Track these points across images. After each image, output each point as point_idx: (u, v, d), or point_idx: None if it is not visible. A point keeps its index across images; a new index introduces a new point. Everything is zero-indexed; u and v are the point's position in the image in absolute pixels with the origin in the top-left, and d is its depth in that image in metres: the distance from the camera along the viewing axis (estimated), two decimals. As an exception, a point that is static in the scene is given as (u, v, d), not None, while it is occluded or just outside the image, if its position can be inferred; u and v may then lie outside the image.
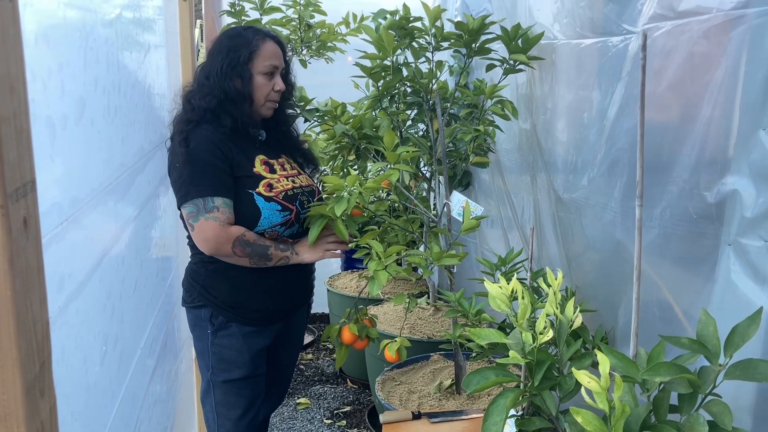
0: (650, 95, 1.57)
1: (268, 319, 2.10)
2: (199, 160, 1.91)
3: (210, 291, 2.04)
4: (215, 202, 1.89)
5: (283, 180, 2.06)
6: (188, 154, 1.91)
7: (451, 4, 3.49)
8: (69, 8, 1.30)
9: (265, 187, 2.00)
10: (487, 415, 1.24)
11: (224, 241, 1.90)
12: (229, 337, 2.05)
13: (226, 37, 2.06)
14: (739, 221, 1.35)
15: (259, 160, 2.05)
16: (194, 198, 1.89)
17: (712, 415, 1.12)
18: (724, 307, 1.40)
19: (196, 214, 1.90)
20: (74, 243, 1.26)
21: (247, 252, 1.93)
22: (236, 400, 2.09)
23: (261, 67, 2.01)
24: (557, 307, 1.31)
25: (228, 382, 2.08)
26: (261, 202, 1.97)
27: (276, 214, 1.99)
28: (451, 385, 2.52)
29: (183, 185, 1.91)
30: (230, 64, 1.99)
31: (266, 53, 2.02)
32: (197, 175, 1.90)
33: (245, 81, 2.00)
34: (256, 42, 2.01)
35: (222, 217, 1.90)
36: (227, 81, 1.98)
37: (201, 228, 1.90)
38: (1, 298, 0.68)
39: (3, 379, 0.69)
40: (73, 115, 1.27)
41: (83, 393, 1.31)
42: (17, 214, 0.69)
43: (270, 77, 2.04)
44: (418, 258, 2.14)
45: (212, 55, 2.04)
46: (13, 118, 0.68)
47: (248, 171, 2.00)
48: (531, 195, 2.55)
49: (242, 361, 2.07)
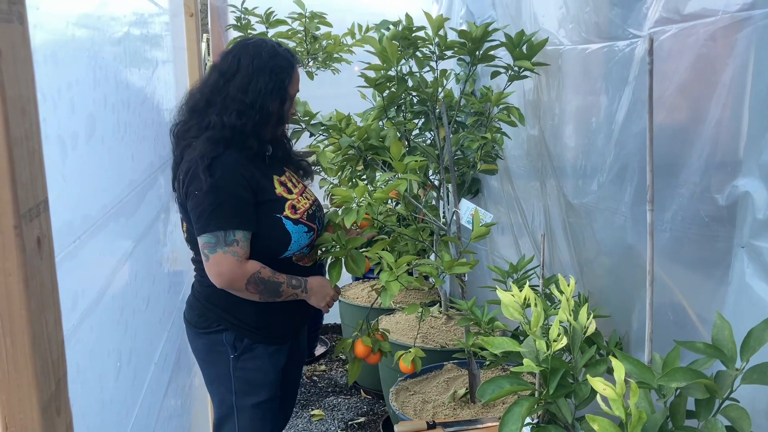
0: (658, 99, 1.57)
1: (287, 335, 2.07)
2: (224, 191, 1.81)
3: (233, 314, 1.96)
4: (236, 236, 1.81)
5: (302, 199, 2.01)
6: (212, 184, 1.80)
7: (456, 13, 3.50)
8: (77, 27, 1.32)
9: (290, 209, 1.94)
10: (503, 423, 1.23)
11: (239, 277, 1.83)
12: (254, 360, 1.99)
13: (266, 53, 1.92)
14: (751, 223, 1.34)
15: (277, 181, 1.98)
16: (215, 230, 1.80)
17: (729, 420, 1.11)
18: (738, 310, 1.39)
19: (214, 246, 1.81)
20: (87, 260, 1.27)
21: (260, 290, 1.87)
22: (262, 425, 2.04)
23: (293, 91, 1.98)
24: (570, 314, 1.30)
25: (256, 405, 2.01)
26: (290, 225, 1.91)
27: (304, 236, 1.95)
28: (465, 394, 2.51)
29: (203, 215, 1.81)
30: (277, 86, 1.91)
31: (297, 76, 2.00)
32: (220, 206, 1.80)
33: (284, 104, 1.95)
34: (294, 64, 1.97)
35: (240, 252, 1.82)
36: (270, 102, 1.90)
37: (217, 261, 1.81)
38: (16, 317, 0.68)
39: (19, 398, 0.70)
40: (83, 133, 1.28)
41: (99, 409, 1.31)
42: (31, 234, 0.70)
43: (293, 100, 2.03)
44: (429, 267, 2.13)
45: (249, 71, 1.90)
46: (25, 139, 0.69)
47: (272, 194, 1.93)
48: (541, 201, 2.54)
49: (268, 381, 2.02)
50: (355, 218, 1.98)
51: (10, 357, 0.69)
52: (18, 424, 0.70)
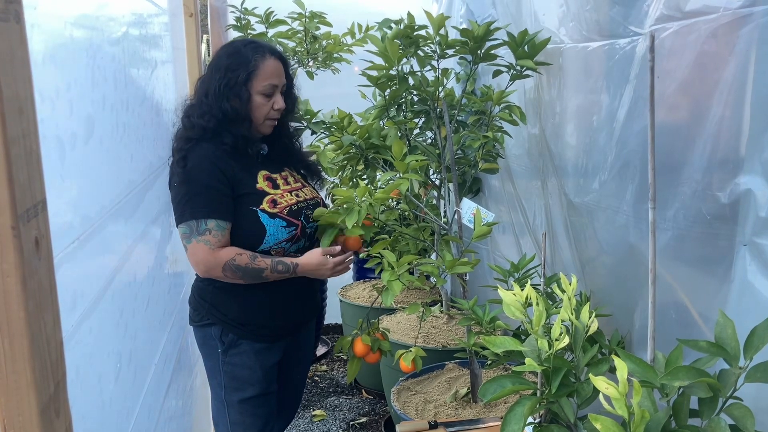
0: (660, 96, 1.56)
1: (277, 334, 2.08)
2: (196, 181, 1.88)
3: (219, 309, 2.01)
4: (208, 225, 1.87)
5: (287, 195, 2.02)
6: (185, 174, 1.89)
7: (456, 11, 3.49)
8: (76, 28, 1.31)
9: (269, 203, 1.96)
10: (505, 423, 1.23)
11: (213, 265, 1.88)
12: (240, 355, 2.02)
13: (224, 53, 2.00)
14: (753, 221, 1.33)
15: (262, 176, 2.01)
16: (188, 219, 1.87)
17: (733, 418, 1.10)
18: (741, 308, 1.38)
19: (189, 236, 1.88)
20: (86, 261, 1.27)
21: (239, 276, 1.91)
22: (252, 420, 2.07)
23: (260, 88, 1.96)
24: (572, 313, 1.30)
25: (243, 401, 2.05)
26: (266, 219, 1.94)
27: (281, 231, 1.96)
28: (467, 394, 2.50)
29: (179, 205, 1.89)
30: (227, 85, 1.94)
31: (265, 73, 1.96)
32: (193, 196, 1.88)
33: (243, 101, 1.95)
34: (255, 61, 1.95)
35: (213, 240, 1.87)
36: (224, 101, 1.93)
37: (192, 250, 1.88)
38: (14, 319, 0.68)
39: (18, 400, 0.69)
40: (82, 133, 1.27)
41: (98, 411, 1.30)
42: (29, 234, 0.69)
43: (269, 96, 1.99)
44: (431, 267, 2.13)
45: (211, 71, 1.99)
46: (22, 139, 0.68)
47: (251, 188, 1.97)
48: (542, 200, 2.54)
49: (255, 378, 2.04)
50: (357, 218, 1.97)
51: (8, 358, 0.68)
52: (17, 426, 0.69)
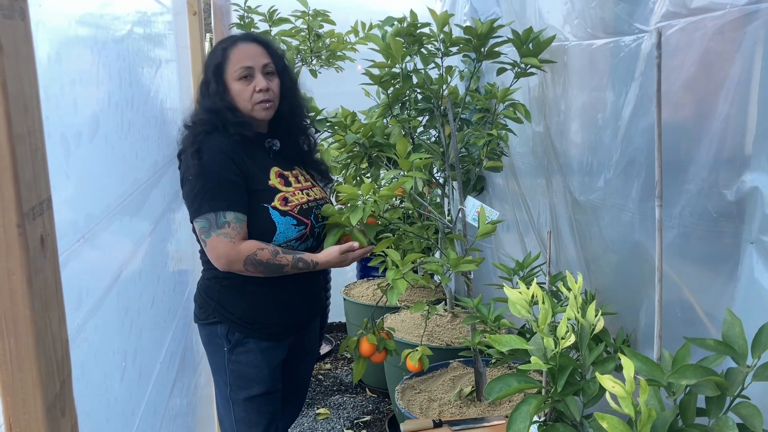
0: (665, 94, 1.56)
1: (283, 333, 2.08)
2: (212, 174, 1.88)
3: (225, 307, 2.01)
4: (227, 217, 1.86)
5: (298, 193, 2.03)
6: (201, 166, 1.88)
7: (459, 9, 3.48)
8: (80, 26, 1.31)
9: (281, 201, 1.97)
10: (511, 422, 1.22)
11: (235, 259, 1.88)
12: (246, 354, 2.03)
13: (207, 55, 2.08)
14: (760, 219, 1.32)
15: (274, 173, 2.02)
16: (206, 213, 1.87)
17: (741, 417, 1.10)
18: (748, 306, 1.37)
19: (208, 230, 1.87)
20: (91, 260, 1.27)
21: (261, 270, 1.91)
22: (258, 418, 2.07)
23: (233, 74, 1.97)
24: (578, 311, 1.29)
25: (249, 399, 2.05)
26: (276, 216, 1.94)
27: (291, 229, 1.96)
28: (472, 392, 2.50)
29: (195, 199, 1.89)
30: (205, 81, 2.00)
31: (236, 58, 1.98)
32: (209, 188, 1.87)
33: (222, 94, 1.98)
34: (223, 51, 1.99)
35: (233, 233, 1.87)
36: (208, 98, 1.99)
37: (213, 245, 1.88)
38: (20, 317, 0.68)
39: (24, 399, 0.69)
40: (87, 131, 1.27)
41: (104, 410, 1.30)
42: (34, 232, 0.69)
43: (248, 80, 1.98)
44: (435, 265, 2.12)
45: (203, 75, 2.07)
46: (27, 136, 0.68)
47: (263, 184, 1.97)
48: (547, 198, 2.53)
49: (261, 376, 2.04)
50: (361, 215, 1.97)
51: (14, 357, 0.68)
52: (22, 424, 0.69)
